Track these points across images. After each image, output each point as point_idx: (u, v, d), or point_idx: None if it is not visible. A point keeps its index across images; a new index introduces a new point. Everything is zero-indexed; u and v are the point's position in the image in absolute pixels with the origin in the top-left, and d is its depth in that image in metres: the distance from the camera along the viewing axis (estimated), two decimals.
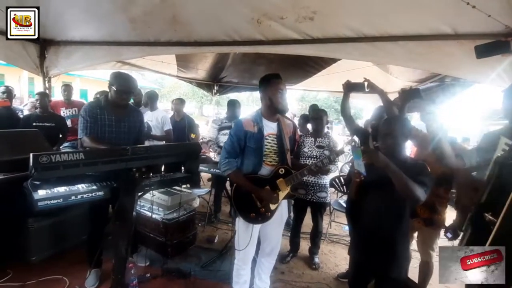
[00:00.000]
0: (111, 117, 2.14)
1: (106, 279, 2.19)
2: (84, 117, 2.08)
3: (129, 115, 2.23)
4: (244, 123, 1.87)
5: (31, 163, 1.28)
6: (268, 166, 1.91)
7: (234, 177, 1.90)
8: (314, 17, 2.45)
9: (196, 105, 28.05)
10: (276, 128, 1.94)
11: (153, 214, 2.73)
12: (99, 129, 2.10)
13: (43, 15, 3.04)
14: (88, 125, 2.07)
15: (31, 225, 2.27)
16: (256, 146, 1.85)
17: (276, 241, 2.09)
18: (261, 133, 1.87)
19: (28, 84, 12.23)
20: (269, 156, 1.90)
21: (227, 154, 1.88)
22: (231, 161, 1.87)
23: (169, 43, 3.21)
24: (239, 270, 2.00)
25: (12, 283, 2.18)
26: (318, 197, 2.79)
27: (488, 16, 1.87)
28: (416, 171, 1.47)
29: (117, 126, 2.16)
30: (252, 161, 1.88)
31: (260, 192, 1.86)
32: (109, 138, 2.12)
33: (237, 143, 1.86)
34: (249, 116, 1.95)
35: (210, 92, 6.87)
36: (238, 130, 1.87)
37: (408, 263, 1.62)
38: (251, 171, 1.89)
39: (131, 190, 1.71)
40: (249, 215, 1.89)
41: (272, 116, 1.93)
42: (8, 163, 2.20)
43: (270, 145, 1.90)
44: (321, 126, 2.83)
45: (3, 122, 3.28)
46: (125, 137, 2.19)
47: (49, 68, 3.77)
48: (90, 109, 2.10)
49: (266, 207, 1.89)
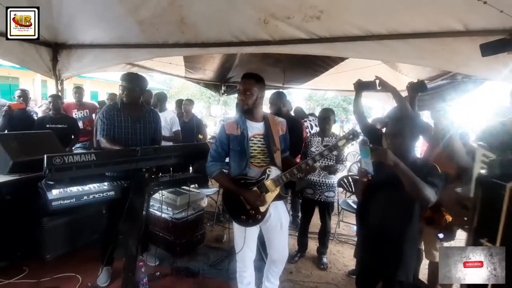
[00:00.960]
0: (127, 119, 2.21)
1: (117, 277, 2.23)
2: (101, 119, 2.17)
3: (145, 116, 2.30)
4: (227, 127, 1.88)
5: (45, 164, 1.33)
6: (256, 167, 1.86)
7: (219, 180, 1.94)
8: (321, 16, 2.44)
9: (204, 106, 28.24)
10: (263, 127, 1.90)
11: (162, 214, 2.78)
12: (116, 130, 2.17)
13: (55, 20, 3.14)
14: (105, 126, 2.15)
15: (45, 224, 2.34)
16: (240, 149, 1.84)
17: (282, 247, 2.01)
18: (243, 135, 1.84)
19: (41, 86, 12.56)
20: (257, 157, 1.87)
21: (211, 158, 1.89)
22: (215, 164, 1.88)
23: (177, 45, 3.25)
24: (240, 272, 2.00)
25: (28, 280, 2.25)
26: (326, 197, 2.78)
27: (500, 12, 1.82)
28: (427, 171, 1.44)
29: (133, 127, 2.23)
30: (238, 163, 1.86)
31: (245, 194, 1.82)
32: (125, 139, 2.19)
33: (220, 147, 1.88)
34: (233, 119, 1.95)
35: (217, 92, 6.92)
36: (220, 134, 1.90)
37: (418, 264, 1.59)
38: (238, 173, 1.87)
39: (141, 190, 1.74)
40: (239, 218, 1.87)
41: (254, 116, 1.88)
42: (23, 164, 2.28)
43: (257, 145, 1.86)
44: (328, 126, 2.81)
45: (19, 124, 3.39)
46: (141, 138, 2.26)
47: (61, 71, 3.87)
48: (107, 111, 2.19)
49: (256, 209, 1.85)
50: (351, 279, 2.61)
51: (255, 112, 1.88)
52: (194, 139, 4.12)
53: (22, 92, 3.72)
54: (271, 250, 2.02)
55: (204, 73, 5.87)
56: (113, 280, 2.29)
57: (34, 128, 3.44)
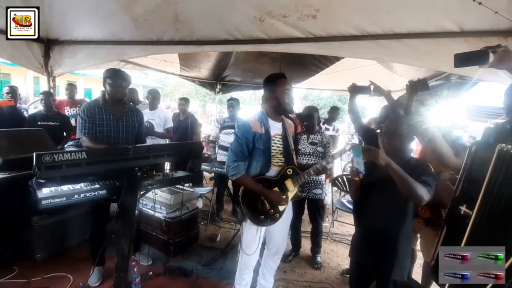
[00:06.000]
0: (109, 117, 2.14)
1: (109, 277, 2.21)
2: (82, 117, 2.09)
3: (128, 114, 2.24)
4: (252, 125, 1.82)
5: (34, 162, 1.29)
6: (275, 167, 1.89)
7: (243, 182, 1.83)
8: (317, 15, 2.43)
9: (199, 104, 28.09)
10: (281, 128, 1.93)
11: (155, 213, 2.75)
12: (97, 129, 2.10)
13: (47, 15, 3.07)
14: (86, 125, 2.07)
15: (35, 223, 2.30)
16: (264, 148, 1.82)
17: (282, 241, 2.07)
18: (268, 134, 1.84)
19: (34, 83, 12.36)
20: (276, 157, 1.88)
21: (236, 157, 1.80)
22: (239, 164, 1.80)
23: (172, 42, 3.22)
24: (242, 274, 1.99)
25: (18, 280, 2.21)
26: (314, 194, 2.78)
27: (495, 13, 1.83)
28: (420, 171, 1.45)
29: (116, 126, 2.16)
30: (260, 163, 1.84)
31: (270, 194, 1.83)
32: (108, 137, 2.13)
33: (245, 145, 1.79)
34: (255, 117, 1.91)
35: (213, 91, 6.88)
36: (246, 131, 1.80)
37: (411, 264, 1.60)
38: (258, 173, 1.85)
39: (134, 189, 1.71)
40: (258, 218, 1.86)
41: (277, 116, 1.91)
42: (13, 162, 2.23)
43: (277, 145, 1.88)
44: (312, 123, 2.81)
45: (9, 122, 3.31)
46: (124, 136, 2.20)
47: (54, 68, 3.80)
48: (88, 109, 2.11)
49: (275, 208, 1.88)
50: (345, 278, 2.63)
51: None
52: (188, 138, 4.09)
53: (10, 88, 3.63)
54: (270, 244, 2.05)
55: (199, 71, 5.83)
56: (105, 280, 2.26)
57: (25, 125, 3.37)
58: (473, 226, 1.21)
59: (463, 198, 1.32)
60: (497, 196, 1.15)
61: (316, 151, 2.72)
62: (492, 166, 1.16)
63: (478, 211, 1.19)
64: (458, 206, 1.30)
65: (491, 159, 1.17)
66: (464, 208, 1.27)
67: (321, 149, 2.72)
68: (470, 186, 1.29)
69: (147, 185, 1.78)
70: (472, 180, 1.29)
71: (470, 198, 1.25)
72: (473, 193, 1.22)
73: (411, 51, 2.40)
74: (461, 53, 1.41)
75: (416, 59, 2.48)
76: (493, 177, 1.16)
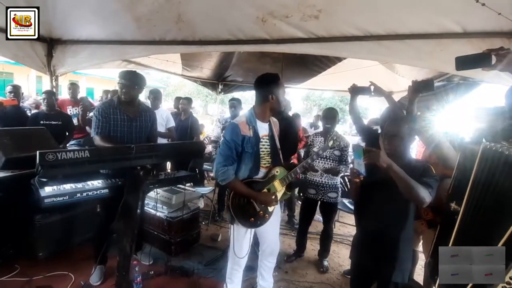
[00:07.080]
0: (123, 117, 2.18)
1: (111, 276, 2.21)
2: (97, 116, 2.14)
3: (141, 115, 2.28)
4: (241, 127, 1.75)
5: (37, 160, 1.30)
6: (263, 168, 1.87)
7: (233, 187, 1.80)
8: (320, 16, 2.43)
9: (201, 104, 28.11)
10: (268, 128, 1.89)
11: (157, 212, 2.75)
12: (111, 128, 2.15)
13: (50, 15, 3.09)
14: (100, 124, 2.12)
15: (38, 221, 2.31)
16: (253, 151, 1.78)
17: (275, 241, 2.06)
18: (257, 136, 1.80)
19: (36, 82, 12.40)
20: (264, 159, 1.85)
21: (225, 162, 1.74)
22: (229, 169, 1.74)
23: (174, 42, 3.22)
24: (234, 273, 1.98)
25: (19, 278, 2.21)
26: (329, 197, 2.73)
27: (498, 14, 1.83)
28: (421, 172, 1.44)
29: (129, 126, 2.20)
30: (249, 166, 1.81)
31: (261, 197, 1.81)
32: (121, 137, 2.17)
33: (234, 148, 1.74)
34: (243, 118, 1.83)
35: (214, 91, 6.89)
36: (235, 134, 1.74)
37: (413, 265, 1.59)
38: (247, 176, 1.83)
39: (136, 188, 1.72)
40: (248, 221, 1.84)
41: (266, 116, 1.86)
42: (16, 160, 2.24)
43: (264, 147, 1.85)
44: (332, 126, 2.74)
45: (12, 121, 3.32)
46: (137, 137, 2.23)
47: (56, 67, 3.81)
48: (104, 109, 2.16)
49: (265, 210, 1.87)
50: (346, 279, 2.62)
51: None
52: (188, 138, 4.09)
53: (13, 87, 3.63)
54: (264, 245, 2.04)
55: (201, 71, 5.83)
56: (107, 279, 2.26)
57: (28, 124, 3.38)
58: (461, 222, 1.23)
59: (453, 195, 1.35)
60: (482, 192, 1.19)
61: (333, 154, 2.69)
62: (477, 163, 1.20)
63: (465, 207, 1.22)
64: (449, 203, 1.34)
65: (475, 155, 1.21)
66: (454, 205, 1.31)
67: (338, 152, 2.68)
68: (459, 183, 1.33)
69: (149, 184, 1.79)
70: (461, 177, 1.32)
71: (459, 195, 1.28)
72: (462, 190, 1.26)
73: (413, 52, 2.40)
74: (462, 56, 1.40)
75: (418, 60, 2.47)
76: (478, 173, 1.20)
